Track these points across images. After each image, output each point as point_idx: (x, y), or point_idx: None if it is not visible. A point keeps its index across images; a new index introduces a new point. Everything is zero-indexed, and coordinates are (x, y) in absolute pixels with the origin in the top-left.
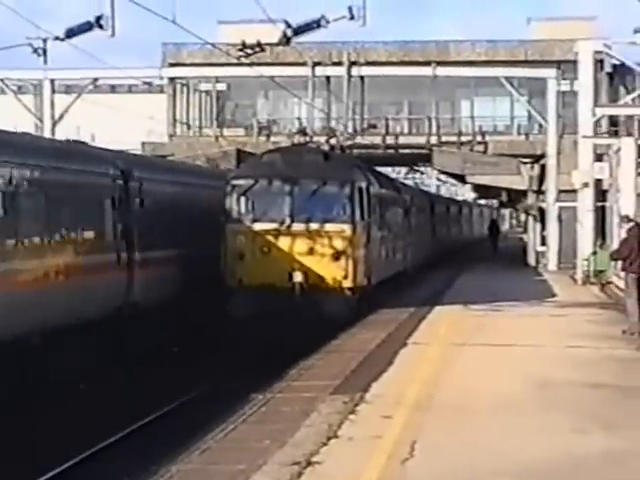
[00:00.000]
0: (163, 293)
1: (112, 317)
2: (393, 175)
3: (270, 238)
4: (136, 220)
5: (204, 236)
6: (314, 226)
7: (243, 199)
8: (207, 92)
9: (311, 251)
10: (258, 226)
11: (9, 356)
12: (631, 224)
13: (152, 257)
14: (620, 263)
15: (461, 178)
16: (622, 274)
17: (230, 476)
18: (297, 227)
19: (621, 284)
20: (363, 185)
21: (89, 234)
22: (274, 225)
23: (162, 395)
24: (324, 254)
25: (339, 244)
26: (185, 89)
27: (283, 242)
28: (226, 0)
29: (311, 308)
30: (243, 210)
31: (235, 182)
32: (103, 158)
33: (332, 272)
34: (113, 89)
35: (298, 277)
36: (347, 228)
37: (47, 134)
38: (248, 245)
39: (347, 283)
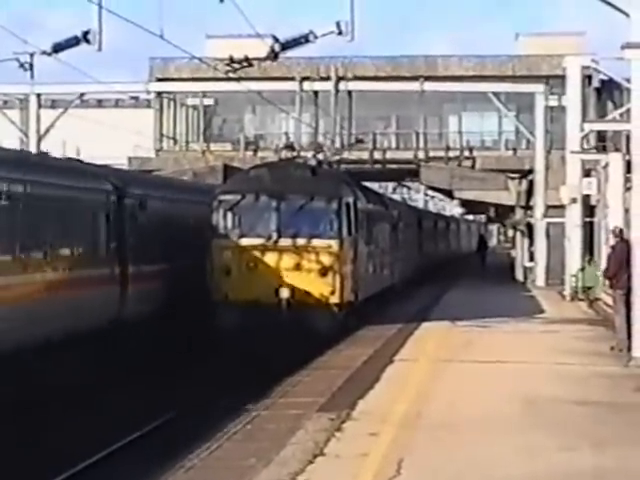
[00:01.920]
0: (152, 307)
1: (104, 330)
2: (381, 190)
3: (257, 253)
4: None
5: (196, 250)
6: (301, 242)
7: (230, 214)
8: (194, 107)
9: (298, 267)
10: (245, 241)
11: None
12: (617, 239)
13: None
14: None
15: (449, 193)
16: (610, 290)
17: None
18: (284, 242)
19: (609, 300)
20: (350, 200)
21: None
22: (261, 240)
23: (145, 412)
24: (311, 270)
25: (326, 260)
26: (172, 104)
27: (270, 258)
28: (214, 14)
29: (298, 324)
30: (230, 225)
31: (222, 197)
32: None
33: (319, 288)
34: (100, 104)
35: (285, 293)
36: (334, 244)
37: (32, 149)
38: (234, 260)
39: (334, 299)
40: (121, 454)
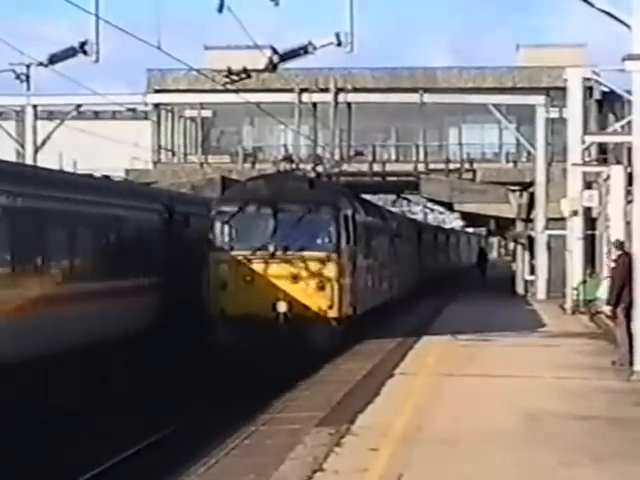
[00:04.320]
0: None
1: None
2: (380, 203)
3: (253, 267)
4: None
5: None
6: (298, 254)
7: (226, 227)
8: (192, 119)
9: (295, 280)
10: (241, 254)
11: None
12: (619, 252)
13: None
14: (607, 294)
15: (449, 206)
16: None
17: None
18: (281, 255)
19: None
20: (349, 213)
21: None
22: (258, 253)
23: (144, 427)
24: (309, 283)
25: (324, 273)
26: (170, 115)
27: (267, 271)
28: (212, 25)
29: (295, 339)
30: (226, 238)
31: (218, 209)
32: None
33: (317, 302)
34: (97, 115)
35: (282, 307)
36: (332, 257)
37: (29, 161)
38: (231, 274)
39: (332, 313)
40: (120, 469)
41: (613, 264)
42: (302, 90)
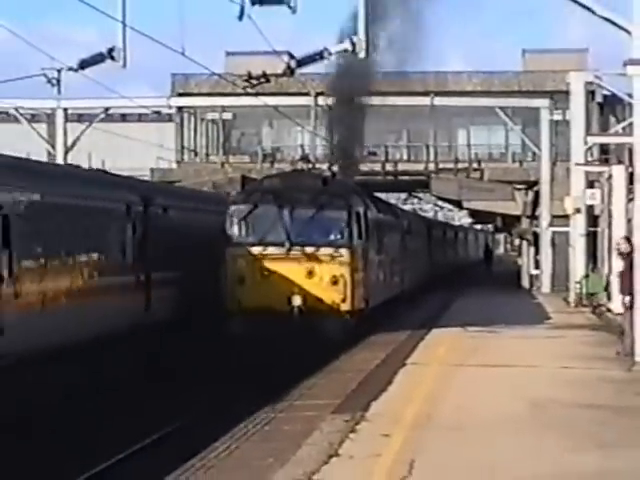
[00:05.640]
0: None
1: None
2: (392, 201)
3: (269, 262)
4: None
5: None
6: (313, 250)
7: (243, 223)
8: (214, 121)
9: (310, 275)
10: (258, 250)
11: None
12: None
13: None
14: (618, 285)
15: (458, 204)
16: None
17: None
18: (296, 251)
19: (611, 306)
20: (361, 210)
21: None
22: (273, 249)
23: (167, 414)
24: (323, 278)
25: (337, 268)
26: (193, 118)
27: (282, 266)
28: (233, 32)
29: (310, 331)
30: (243, 234)
31: (235, 206)
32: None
33: (330, 296)
34: (124, 118)
35: (297, 301)
36: (345, 252)
37: (60, 161)
38: (248, 269)
39: (345, 306)
40: (144, 454)
41: (623, 263)
42: (318, 93)
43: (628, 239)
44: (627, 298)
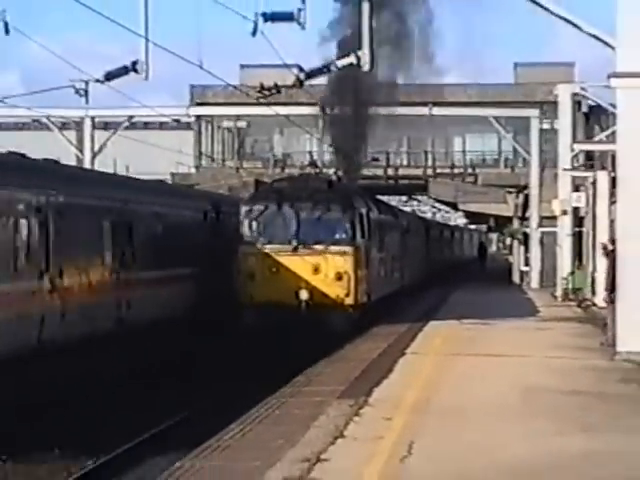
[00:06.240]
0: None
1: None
2: (393, 203)
3: (278, 259)
4: None
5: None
6: (318, 248)
7: (255, 223)
8: (229, 129)
9: (316, 271)
10: (268, 248)
11: None
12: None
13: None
14: (604, 283)
15: (454, 206)
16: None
17: (248, 472)
18: (303, 249)
19: (595, 300)
20: (363, 211)
21: None
22: (282, 247)
23: (185, 400)
24: (328, 274)
25: (341, 265)
26: (210, 126)
27: (290, 263)
28: (247, 47)
29: (316, 323)
30: (255, 233)
31: (247, 207)
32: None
33: (335, 290)
34: (146, 126)
35: (304, 295)
36: (349, 250)
37: (87, 165)
38: (258, 265)
39: (349, 300)
40: (165, 435)
41: (607, 256)
42: (325, 103)
43: (614, 241)
44: (611, 294)
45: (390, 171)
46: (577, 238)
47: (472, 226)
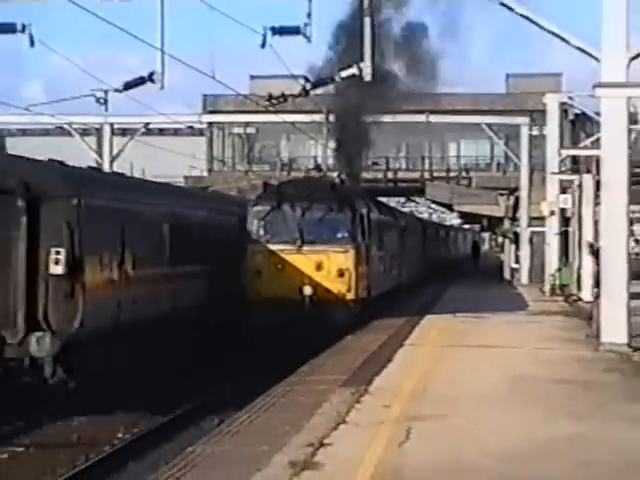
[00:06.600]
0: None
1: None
2: (392, 204)
3: (283, 257)
4: None
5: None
6: (321, 247)
7: (261, 223)
8: (239, 135)
9: (319, 268)
10: (273, 246)
11: None
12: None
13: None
14: (593, 280)
15: (449, 207)
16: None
17: (256, 456)
18: (307, 248)
19: (581, 295)
20: (364, 211)
21: None
22: (287, 246)
23: (196, 390)
24: (330, 271)
25: (343, 262)
26: (221, 132)
27: (295, 260)
28: (257, 58)
29: (319, 317)
30: (261, 232)
31: (254, 208)
32: None
33: (337, 286)
34: (161, 132)
35: (308, 291)
36: (350, 248)
37: (106, 168)
38: (265, 263)
39: (350, 296)
40: (178, 422)
41: (594, 254)
42: (329, 112)
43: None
44: (597, 290)
45: (390, 174)
46: (564, 237)
47: (466, 226)
